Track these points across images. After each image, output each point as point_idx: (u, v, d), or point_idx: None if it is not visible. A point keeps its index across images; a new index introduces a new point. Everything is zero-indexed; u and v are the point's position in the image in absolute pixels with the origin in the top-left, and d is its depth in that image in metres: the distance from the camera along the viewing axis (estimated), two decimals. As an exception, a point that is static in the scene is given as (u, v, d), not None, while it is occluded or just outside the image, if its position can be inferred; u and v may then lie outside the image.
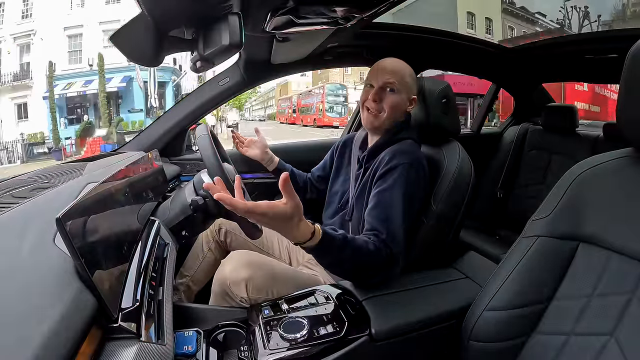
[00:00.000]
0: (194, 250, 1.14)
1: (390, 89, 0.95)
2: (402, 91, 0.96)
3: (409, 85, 0.97)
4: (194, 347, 0.63)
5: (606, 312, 0.55)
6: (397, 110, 0.96)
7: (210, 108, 1.45)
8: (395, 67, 0.97)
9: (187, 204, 0.90)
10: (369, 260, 0.78)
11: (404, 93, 0.96)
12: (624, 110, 0.58)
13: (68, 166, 1.00)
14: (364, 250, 0.76)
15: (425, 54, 1.63)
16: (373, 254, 0.78)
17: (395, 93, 0.95)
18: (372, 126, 0.99)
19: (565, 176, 0.66)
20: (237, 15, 0.60)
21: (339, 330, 0.71)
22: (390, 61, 0.98)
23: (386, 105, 0.95)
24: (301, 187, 1.25)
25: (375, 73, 0.98)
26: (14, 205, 0.61)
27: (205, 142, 0.86)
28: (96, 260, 0.49)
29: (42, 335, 0.36)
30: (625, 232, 0.57)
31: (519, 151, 1.98)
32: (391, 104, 0.95)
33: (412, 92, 0.98)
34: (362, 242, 0.77)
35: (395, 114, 0.97)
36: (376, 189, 0.90)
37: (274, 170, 1.23)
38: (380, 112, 0.96)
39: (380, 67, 0.98)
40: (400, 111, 0.97)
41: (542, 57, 1.78)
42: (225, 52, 0.63)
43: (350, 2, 0.74)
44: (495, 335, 0.66)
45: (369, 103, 0.97)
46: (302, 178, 1.26)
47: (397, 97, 0.95)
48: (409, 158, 0.89)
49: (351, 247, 0.74)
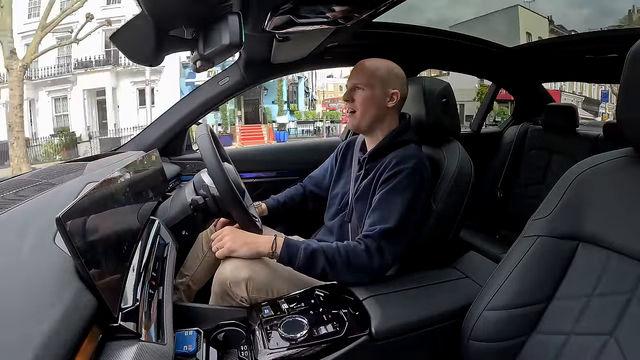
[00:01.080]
0: (194, 250, 1.14)
1: (359, 87, 0.98)
2: (374, 87, 0.96)
3: (384, 80, 0.97)
4: (194, 347, 0.63)
5: (606, 312, 0.55)
6: (370, 106, 0.97)
7: (210, 108, 1.45)
8: (365, 66, 0.99)
9: (187, 203, 0.90)
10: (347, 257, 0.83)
11: (377, 88, 0.96)
12: (624, 110, 0.58)
13: (68, 166, 1.00)
14: (337, 249, 0.84)
15: (425, 53, 1.63)
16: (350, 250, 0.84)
17: (365, 90, 0.97)
18: (352, 126, 1.02)
19: (565, 176, 0.66)
20: (237, 15, 0.60)
21: (339, 329, 0.71)
22: (363, 62, 1.00)
23: (358, 103, 0.98)
24: (299, 206, 1.22)
25: (349, 76, 1.02)
26: (14, 204, 0.61)
27: (205, 142, 0.86)
28: (96, 260, 0.49)
29: (42, 335, 0.36)
30: (625, 232, 0.57)
31: (519, 151, 1.98)
32: (361, 100, 0.97)
33: (390, 86, 0.97)
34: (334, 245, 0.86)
35: (370, 110, 0.97)
36: (380, 192, 0.90)
37: (268, 215, 1.18)
38: (354, 111, 0.99)
39: (352, 69, 1.02)
40: (376, 106, 0.97)
41: (542, 57, 1.78)
42: (225, 52, 0.63)
43: (350, 2, 0.74)
44: (495, 335, 0.66)
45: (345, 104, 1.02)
46: (297, 198, 1.23)
47: (367, 93, 0.97)
48: (414, 163, 0.90)
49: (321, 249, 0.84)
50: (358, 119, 0.99)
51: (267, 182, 1.54)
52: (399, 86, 0.98)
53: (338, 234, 1.04)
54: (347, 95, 1.00)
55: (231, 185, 0.83)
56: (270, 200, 1.21)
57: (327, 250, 0.84)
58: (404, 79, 1.00)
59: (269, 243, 0.85)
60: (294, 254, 0.84)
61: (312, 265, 0.83)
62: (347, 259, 0.83)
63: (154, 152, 1.13)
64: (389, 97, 0.97)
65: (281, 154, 1.68)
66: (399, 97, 0.98)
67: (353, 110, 0.99)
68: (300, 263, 0.83)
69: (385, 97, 0.97)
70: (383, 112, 0.98)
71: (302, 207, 1.24)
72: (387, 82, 0.97)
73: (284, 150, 1.81)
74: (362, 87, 0.97)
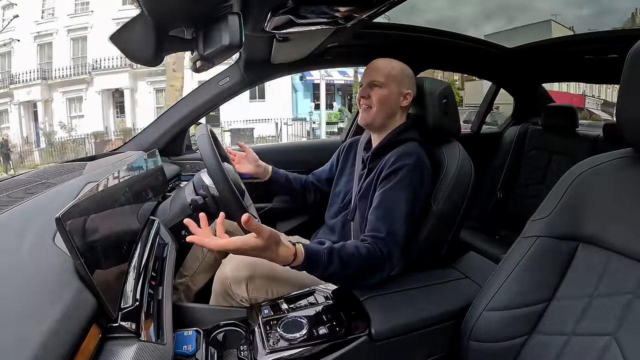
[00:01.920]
0: (193, 250, 1.14)
1: (377, 85, 0.99)
2: (390, 85, 0.98)
3: (399, 80, 0.99)
4: (193, 347, 0.63)
5: (607, 313, 0.55)
6: (386, 104, 0.99)
7: (210, 108, 1.45)
8: (383, 64, 1.01)
9: (186, 203, 0.90)
10: (362, 264, 0.79)
11: (393, 87, 0.99)
12: (624, 110, 0.58)
13: (68, 166, 1.00)
14: (355, 257, 0.78)
15: (425, 54, 1.63)
16: (365, 258, 0.79)
17: (382, 88, 0.98)
18: (365, 122, 1.02)
19: (565, 176, 0.66)
20: (237, 15, 0.60)
21: (339, 330, 0.71)
22: (379, 60, 1.02)
23: (374, 100, 0.99)
24: (299, 191, 1.24)
25: (365, 73, 1.03)
26: (14, 204, 0.61)
27: (205, 142, 0.86)
28: (96, 260, 0.49)
29: (41, 335, 0.36)
30: (625, 233, 0.56)
31: (519, 151, 1.98)
32: (378, 98, 0.99)
33: (404, 86, 1.00)
34: (352, 249, 0.79)
35: (385, 108, 0.99)
36: (380, 189, 0.90)
37: (269, 179, 1.22)
38: (370, 107, 1.00)
39: (369, 67, 1.03)
40: (391, 105, 0.99)
41: (542, 57, 1.78)
42: (225, 52, 0.62)
43: (350, 2, 0.74)
44: (495, 335, 0.66)
45: (360, 100, 1.03)
46: (299, 182, 1.24)
47: (384, 91, 0.98)
48: (413, 160, 0.90)
49: (339, 256, 0.76)
50: (373, 116, 1.00)
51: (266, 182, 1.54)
52: (412, 87, 1.02)
53: (340, 233, 1.04)
54: (364, 91, 1.01)
55: (231, 185, 0.83)
56: (276, 170, 1.23)
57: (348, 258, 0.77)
58: (414, 80, 1.04)
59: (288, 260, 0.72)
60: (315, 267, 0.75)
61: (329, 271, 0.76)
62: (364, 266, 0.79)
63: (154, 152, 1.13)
64: (403, 96, 1.00)
65: (281, 154, 1.68)
66: (411, 97, 1.01)
67: (369, 106, 1.00)
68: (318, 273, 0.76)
69: (400, 96, 1.00)
70: (396, 111, 1.01)
71: (300, 195, 1.24)
72: (402, 81, 1.00)
73: (284, 150, 1.81)
74: (379, 85, 0.99)
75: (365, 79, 1.01)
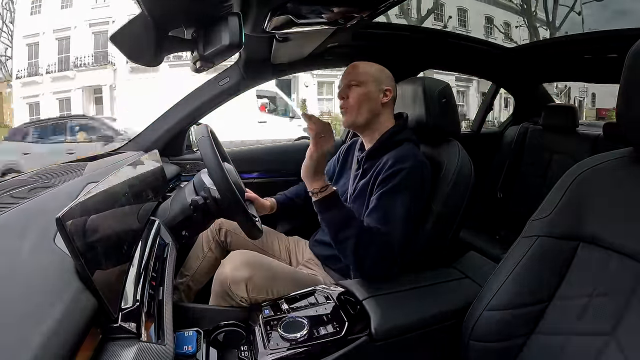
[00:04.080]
0: (194, 250, 1.14)
1: (354, 84, 0.99)
2: (367, 84, 0.99)
3: (376, 77, 1.00)
4: (194, 347, 0.63)
5: (606, 312, 0.55)
6: (365, 102, 0.99)
7: (210, 108, 1.45)
8: (359, 65, 1.02)
9: (187, 204, 0.90)
10: (369, 238, 0.82)
11: (371, 85, 0.99)
12: (624, 110, 0.58)
13: (68, 166, 1.00)
14: (365, 227, 0.83)
15: (425, 54, 1.63)
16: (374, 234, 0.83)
17: (360, 87, 0.99)
18: (347, 123, 1.03)
19: (566, 176, 0.66)
20: (237, 15, 0.60)
21: (339, 330, 0.71)
22: (355, 63, 1.03)
23: (352, 100, 0.99)
24: (301, 204, 1.22)
25: (342, 77, 1.04)
26: (14, 205, 0.61)
27: (205, 142, 0.86)
28: (96, 260, 0.49)
29: (41, 335, 0.36)
30: (625, 232, 0.56)
31: (519, 151, 1.98)
32: (356, 96, 0.99)
33: (383, 83, 1.00)
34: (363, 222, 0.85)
35: (365, 105, 0.99)
36: (377, 192, 0.90)
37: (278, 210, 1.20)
38: (348, 107, 1.00)
39: (345, 70, 1.04)
40: (370, 102, 0.99)
41: (542, 57, 1.78)
42: (225, 52, 0.62)
43: (350, 2, 0.74)
44: (496, 335, 0.66)
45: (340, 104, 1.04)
46: (300, 196, 1.23)
47: (362, 89, 0.99)
48: (411, 162, 0.90)
49: (354, 217, 0.84)
50: (354, 115, 1.00)
51: (267, 182, 1.54)
52: (391, 85, 1.02)
53: None
54: (342, 92, 1.01)
55: (231, 185, 0.83)
56: (279, 195, 1.23)
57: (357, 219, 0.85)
58: (393, 80, 1.04)
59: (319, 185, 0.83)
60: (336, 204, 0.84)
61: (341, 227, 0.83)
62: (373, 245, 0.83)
63: (154, 153, 1.13)
64: (382, 92, 1.00)
65: (281, 154, 1.68)
66: (391, 94, 1.01)
67: (347, 107, 1.01)
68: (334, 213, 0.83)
69: (379, 93, 0.99)
70: (377, 108, 1.00)
71: (305, 205, 1.23)
72: (380, 79, 1.00)
73: (284, 150, 1.81)
74: (356, 84, 0.99)
75: (343, 81, 1.02)
